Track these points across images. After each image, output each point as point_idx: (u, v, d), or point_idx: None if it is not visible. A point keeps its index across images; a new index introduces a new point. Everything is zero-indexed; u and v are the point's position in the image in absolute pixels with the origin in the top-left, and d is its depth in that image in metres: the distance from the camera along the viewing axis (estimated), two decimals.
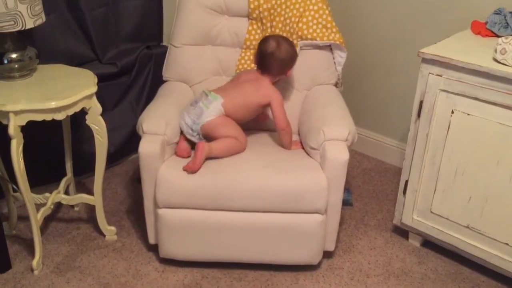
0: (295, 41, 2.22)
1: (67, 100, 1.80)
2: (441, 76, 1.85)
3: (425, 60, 1.87)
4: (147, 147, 1.88)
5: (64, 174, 2.26)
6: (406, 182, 2.09)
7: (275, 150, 2.07)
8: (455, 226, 1.99)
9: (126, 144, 2.64)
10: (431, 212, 2.04)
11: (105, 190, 2.46)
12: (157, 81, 2.48)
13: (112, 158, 2.61)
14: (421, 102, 1.94)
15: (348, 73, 2.55)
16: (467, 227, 1.96)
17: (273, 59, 2.04)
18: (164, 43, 2.69)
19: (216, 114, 2.00)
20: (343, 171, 1.90)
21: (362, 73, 2.74)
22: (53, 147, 2.27)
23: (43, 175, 2.27)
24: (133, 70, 2.56)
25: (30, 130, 1.82)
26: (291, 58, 2.10)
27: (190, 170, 1.87)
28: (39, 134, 2.06)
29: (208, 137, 2.00)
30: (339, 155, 1.88)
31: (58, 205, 2.34)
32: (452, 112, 1.86)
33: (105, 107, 2.52)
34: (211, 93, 2.03)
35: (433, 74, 1.87)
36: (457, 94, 1.83)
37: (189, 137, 2.01)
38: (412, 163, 2.04)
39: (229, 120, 2.03)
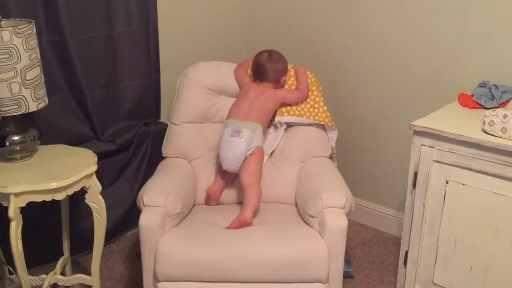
0: (285, 114, 2.32)
1: (67, 180, 1.82)
2: (433, 147, 1.90)
3: (417, 132, 1.93)
4: (148, 219, 1.90)
5: (61, 254, 2.23)
6: (406, 252, 2.08)
7: (273, 219, 2.08)
8: None
9: (123, 221, 2.63)
10: (433, 283, 2.02)
11: (102, 269, 2.42)
12: (155, 157, 2.52)
13: (109, 236, 2.56)
14: (415, 173, 1.98)
15: (342, 145, 2.61)
16: None
17: (268, 66, 2.27)
18: (162, 120, 2.75)
19: (260, 142, 2.19)
20: (343, 238, 1.91)
21: (354, 145, 2.80)
22: (50, 227, 2.26)
23: (40, 256, 2.24)
24: (131, 147, 2.60)
25: (27, 209, 1.82)
26: (283, 65, 2.31)
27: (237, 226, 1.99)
28: (36, 213, 2.06)
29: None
30: (338, 222, 1.90)
31: (54, 286, 2.28)
32: (447, 182, 1.90)
33: (103, 184, 2.52)
34: (248, 122, 2.19)
35: (425, 145, 1.92)
36: (450, 164, 1.88)
37: (231, 168, 2.16)
38: (411, 233, 2.04)
39: (261, 156, 2.20)
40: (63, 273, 2.22)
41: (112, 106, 2.53)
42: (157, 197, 1.97)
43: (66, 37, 2.25)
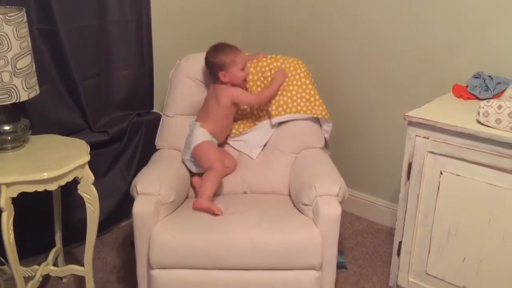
0: (282, 112, 2.30)
1: (59, 170, 1.80)
2: (427, 138, 1.90)
3: (412, 123, 1.93)
4: (141, 207, 1.89)
5: (53, 245, 2.22)
6: (400, 243, 2.09)
7: (267, 208, 2.08)
8: (451, 287, 1.97)
9: (115, 212, 2.62)
10: (427, 273, 2.03)
11: (95, 260, 2.39)
12: (148, 148, 2.51)
13: (101, 227, 2.53)
14: (409, 164, 1.98)
15: (335, 136, 2.60)
16: None
17: (208, 62, 2.24)
18: (155, 110, 2.73)
19: (203, 139, 2.17)
20: (337, 226, 1.91)
21: (348, 136, 2.80)
22: (42, 218, 2.24)
23: (32, 247, 2.23)
24: (124, 137, 2.58)
25: (19, 200, 1.80)
26: (218, 60, 2.20)
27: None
28: (28, 204, 2.04)
29: (198, 164, 2.18)
30: (331, 209, 1.90)
31: (46, 277, 2.27)
32: (441, 173, 1.90)
33: (96, 175, 2.51)
34: (192, 122, 2.23)
35: (420, 136, 1.92)
36: (445, 155, 1.88)
37: (190, 167, 2.21)
38: (404, 224, 2.05)
39: (208, 147, 2.17)
40: (55, 264, 2.21)
41: (105, 96, 2.51)
42: (151, 185, 1.96)
43: (57, 25, 2.22)
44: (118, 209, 2.62)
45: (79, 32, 2.32)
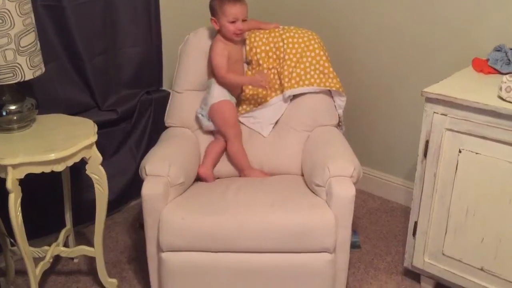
0: (295, 85, 2.22)
1: (67, 151, 1.77)
2: (446, 115, 1.82)
3: (429, 100, 1.85)
4: (150, 189, 1.85)
5: (63, 225, 2.20)
6: (416, 223, 2.03)
7: (279, 189, 2.04)
8: (468, 268, 1.92)
9: (126, 191, 2.59)
10: (443, 254, 1.98)
11: (105, 239, 2.38)
12: (158, 126, 2.46)
13: (112, 206, 2.53)
14: (427, 142, 1.91)
15: (349, 112, 2.53)
16: (481, 269, 1.89)
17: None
18: (164, 88, 2.68)
19: (222, 97, 2.15)
20: (350, 207, 1.86)
21: (363, 111, 2.72)
22: (52, 198, 2.22)
23: (42, 227, 2.21)
24: (133, 116, 2.54)
25: (28, 180, 1.77)
26: (211, 5, 2.12)
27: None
28: (37, 184, 2.01)
29: (214, 123, 2.17)
30: (345, 191, 1.84)
31: (57, 257, 2.26)
32: (460, 151, 1.83)
33: (105, 154, 2.49)
34: (207, 81, 2.19)
35: (437, 113, 1.84)
36: (464, 133, 1.80)
37: (202, 122, 2.20)
38: (420, 204, 1.99)
39: (226, 108, 2.15)
40: (66, 245, 2.19)
41: (113, 74, 2.45)
42: (160, 166, 1.91)
43: (62, 1, 2.15)
44: (128, 188, 2.59)
45: (85, 8, 2.25)
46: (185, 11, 2.67)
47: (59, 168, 1.77)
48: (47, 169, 1.75)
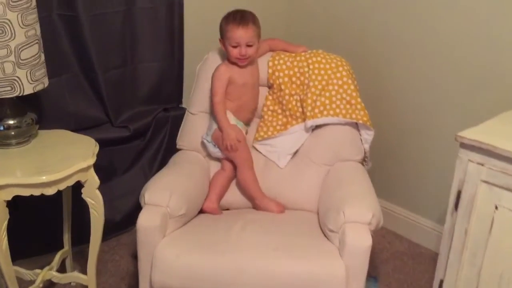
0: (318, 115, 2.03)
1: (59, 174, 1.65)
2: (483, 165, 1.59)
3: (464, 145, 1.62)
4: (146, 220, 1.73)
5: (61, 246, 2.09)
6: (441, 282, 1.79)
7: (288, 229, 1.86)
8: None
9: (135, 212, 2.40)
10: None
11: (107, 262, 2.28)
12: (173, 146, 2.32)
13: (119, 226, 2.44)
14: (459, 192, 1.67)
15: (379, 146, 2.32)
16: None
17: None
18: (184, 105, 2.54)
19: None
20: (365, 259, 1.66)
21: (394, 147, 2.49)
22: (52, 215, 2.11)
23: (38, 245, 2.12)
24: (147, 134, 2.42)
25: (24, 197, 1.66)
26: (220, 25, 2.00)
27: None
28: (36, 200, 1.91)
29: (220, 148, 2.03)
30: (360, 240, 1.65)
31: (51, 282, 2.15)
32: (496, 207, 1.59)
33: (116, 171, 2.41)
34: None
35: (473, 162, 1.61)
36: (502, 187, 1.56)
37: (209, 149, 2.07)
38: (448, 261, 1.75)
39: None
40: (63, 267, 2.08)
41: (129, 89, 2.35)
42: (160, 195, 1.78)
43: (78, 11, 2.07)
44: (138, 209, 2.41)
45: (103, 19, 2.16)
46: (210, 25, 2.51)
47: (49, 191, 1.65)
48: (36, 192, 1.64)
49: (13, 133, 1.77)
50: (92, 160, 1.75)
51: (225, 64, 2.02)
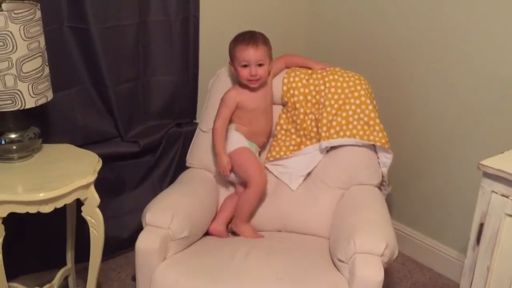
0: (334, 135, 1.93)
1: (57, 191, 1.59)
2: (507, 197, 1.45)
3: (487, 175, 1.49)
4: (145, 242, 1.67)
5: (64, 263, 2.03)
6: None
7: (295, 257, 1.75)
8: None
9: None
10: None
11: (113, 281, 2.22)
12: (185, 163, 2.26)
13: (127, 243, 2.35)
14: (481, 225, 1.54)
15: (401, 168, 2.19)
16: None
17: None
18: (197, 121, 2.47)
19: (238, 145, 1.93)
20: None
21: (416, 172, 2.35)
22: (55, 232, 2.05)
23: (40, 262, 2.06)
24: (158, 149, 2.35)
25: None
26: (229, 47, 1.96)
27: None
28: (40, 216, 1.86)
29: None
30: (371, 273, 1.54)
31: None
32: None
33: (125, 187, 2.35)
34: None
35: (497, 193, 1.47)
36: None
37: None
38: None
39: (244, 154, 1.93)
40: (65, 284, 2.02)
41: (140, 103, 2.29)
42: (162, 216, 1.71)
43: (89, 24, 2.02)
44: None
45: (115, 32, 2.10)
46: (226, 39, 2.45)
47: (46, 209, 1.60)
48: (32, 209, 1.58)
49: (15, 147, 1.73)
50: (92, 178, 1.68)
51: (234, 89, 1.96)
